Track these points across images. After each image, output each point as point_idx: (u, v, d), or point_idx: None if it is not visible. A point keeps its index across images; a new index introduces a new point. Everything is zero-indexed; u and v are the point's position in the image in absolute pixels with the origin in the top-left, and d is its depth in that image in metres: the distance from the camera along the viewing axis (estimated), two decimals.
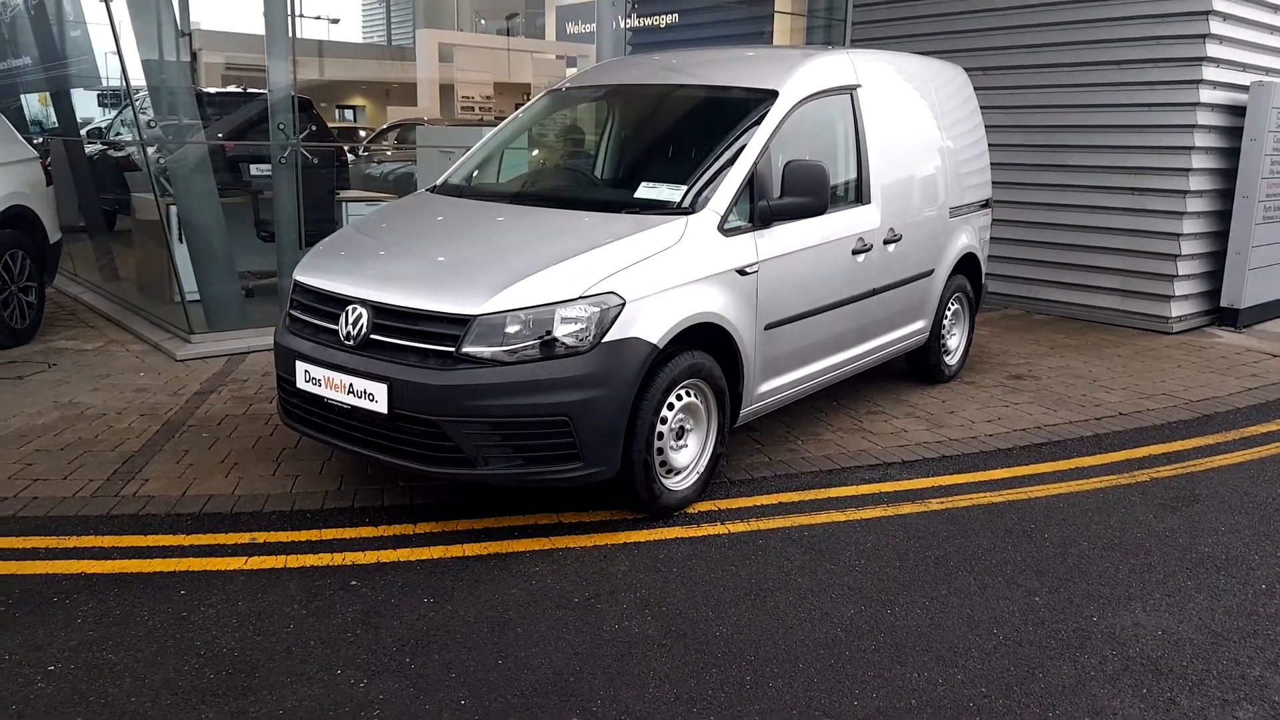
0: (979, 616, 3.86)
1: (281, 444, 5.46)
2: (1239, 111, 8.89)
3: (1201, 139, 8.71)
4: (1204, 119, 8.68)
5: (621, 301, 4.22)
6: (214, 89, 13.24)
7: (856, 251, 5.63)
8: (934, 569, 4.25)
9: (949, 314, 6.93)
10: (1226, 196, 9.06)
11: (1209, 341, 8.75)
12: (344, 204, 9.57)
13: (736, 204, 4.85)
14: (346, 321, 4.36)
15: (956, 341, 7.21)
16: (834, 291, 5.52)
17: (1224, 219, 9.11)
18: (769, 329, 5.02)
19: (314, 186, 8.49)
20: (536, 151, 6.68)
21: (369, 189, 12.70)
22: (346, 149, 13.63)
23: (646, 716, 3.18)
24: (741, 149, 4.99)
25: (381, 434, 4.26)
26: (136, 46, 7.48)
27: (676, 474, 4.69)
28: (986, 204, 7.33)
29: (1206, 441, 6.04)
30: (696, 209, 4.76)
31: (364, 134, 19.54)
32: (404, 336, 4.22)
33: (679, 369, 4.47)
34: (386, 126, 18.20)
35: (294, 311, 4.76)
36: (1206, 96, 8.62)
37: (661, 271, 4.42)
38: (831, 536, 4.54)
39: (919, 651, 3.60)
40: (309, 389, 4.44)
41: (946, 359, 7.07)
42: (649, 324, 4.29)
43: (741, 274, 4.79)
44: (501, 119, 7.52)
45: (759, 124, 5.09)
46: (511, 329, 4.10)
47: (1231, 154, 8.97)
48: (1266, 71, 9.20)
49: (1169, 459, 5.71)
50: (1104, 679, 3.46)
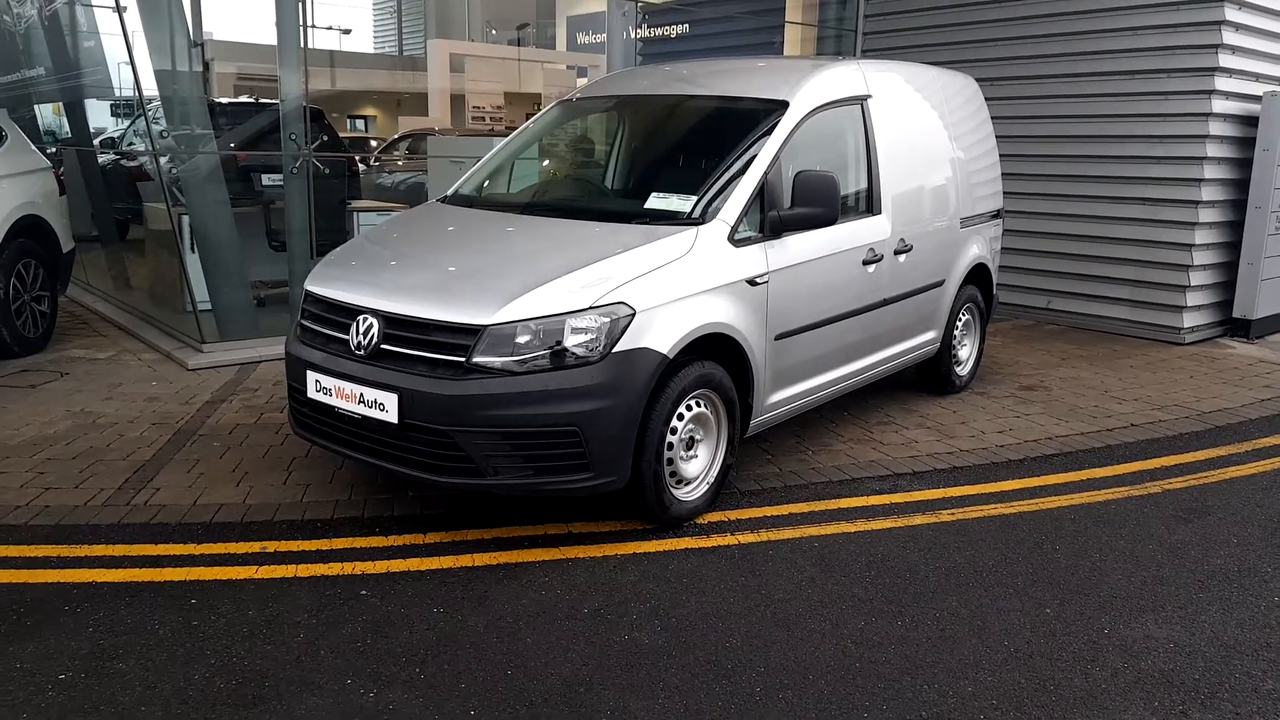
0: (990, 628, 3.85)
1: (292, 453, 5.47)
2: (1252, 122, 8.86)
3: (1214, 149, 8.68)
4: (1216, 129, 8.65)
5: (632, 312, 4.23)
6: (226, 99, 13.33)
7: (867, 262, 5.62)
8: (945, 580, 4.24)
9: (960, 324, 6.92)
10: (1239, 207, 9.03)
11: (1221, 352, 8.72)
12: (355, 214, 9.60)
13: (747, 214, 4.85)
14: (357, 331, 4.37)
15: (967, 352, 7.19)
16: (844, 302, 5.51)
17: (1236, 229, 9.07)
18: (779, 339, 5.02)
19: (325, 196, 8.53)
20: (547, 162, 6.69)
21: (380, 199, 12.74)
22: (358, 159, 13.69)
23: None
24: (752, 159, 4.99)
25: (392, 444, 4.26)
26: (149, 57, 7.52)
27: (686, 484, 4.69)
28: (998, 214, 7.32)
29: (1219, 453, 6.01)
30: (707, 219, 4.76)
31: (375, 144, 19.59)
32: (414, 346, 4.23)
33: (689, 379, 4.47)
34: (398, 136, 18.25)
35: (305, 321, 4.77)
36: (1219, 107, 8.60)
37: (672, 282, 4.43)
38: (842, 547, 4.53)
39: (929, 664, 3.58)
40: (320, 398, 4.45)
41: (957, 369, 7.05)
42: (659, 334, 4.29)
43: (752, 284, 4.79)
44: (512, 129, 7.54)
45: (769, 134, 5.09)
46: (522, 339, 4.10)
47: (1244, 164, 8.94)
48: (1279, 82, 9.17)
49: (1181, 470, 5.69)
50: (1116, 691, 3.44)
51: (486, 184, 5.94)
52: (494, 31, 29.04)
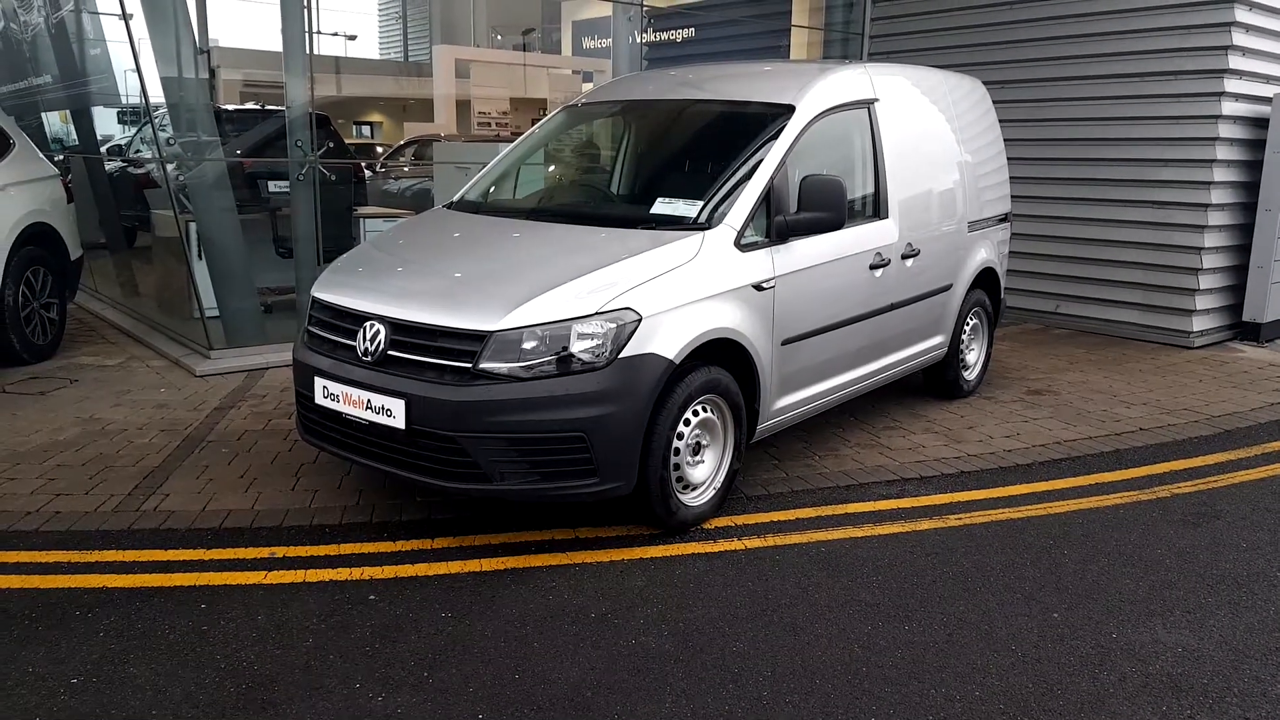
0: (997, 633, 3.84)
1: (300, 459, 5.48)
2: (1262, 123, 8.84)
3: (1223, 151, 8.66)
4: (1226, 131, 8.63)
5: (638, 317, 4.23)
6: (232, 106, 13.33)
7: (874, 266, 5.62)
8: (952, 585, 4.23)
9: (967, 329, 6.91)
10: (1249, 209, 9.01)
11: (1231, 356, 8.70)
12: (362, 220, 9.62)
13: (753, 219, 4.85)
14: (364, 338, 4.38)
15: (975, 356, 7.18)
16: (851, 307, 5.51)
17: (1246, 232, 9.05)
18: (786, 344, 5.02)
19: (332, 203, 8.54)
20: (553, 167, 6.70)
21: (386, 205, 12.75)
22: (364, 165, 13.71)
23: None
24: (758, 164, 4.99)
25: (399, 449, 4.27)
26: (155, 64, 7.55)
27: (693, 489, 4.69)
28: (1005, 218, 7.31)
29: (1228, 457, 6.00)
30: (713, 224, 4.77)
31: (381, 150, 19.63)
32: (421, 352, 4.24)
33: (695, 385, 4.47)
34: (404, 143, 18.28)
35: (312, 328, 4.78)
36: (1229, 108, 8.58)
37: (678, 287, 4.43)
38: (848, 552, 4.52)
39: (936, 668, 3.58)
40: (327, 405, 4.46)
41: (965, 374, 7.04)
42: (665, 340, 4.30)
43: (758, 289, 4.79)
44: (518, 135, 7.55)
45: (775, 139, 5.10)
46: (528, 345, 4.11)
47: (1254, 166, 8.92)
48: None
49: (1190, 475, 5.67)
50: (1123, 696, 3.43)
51: (492, 190, 5.95)
52: (499, 37, 29.07)
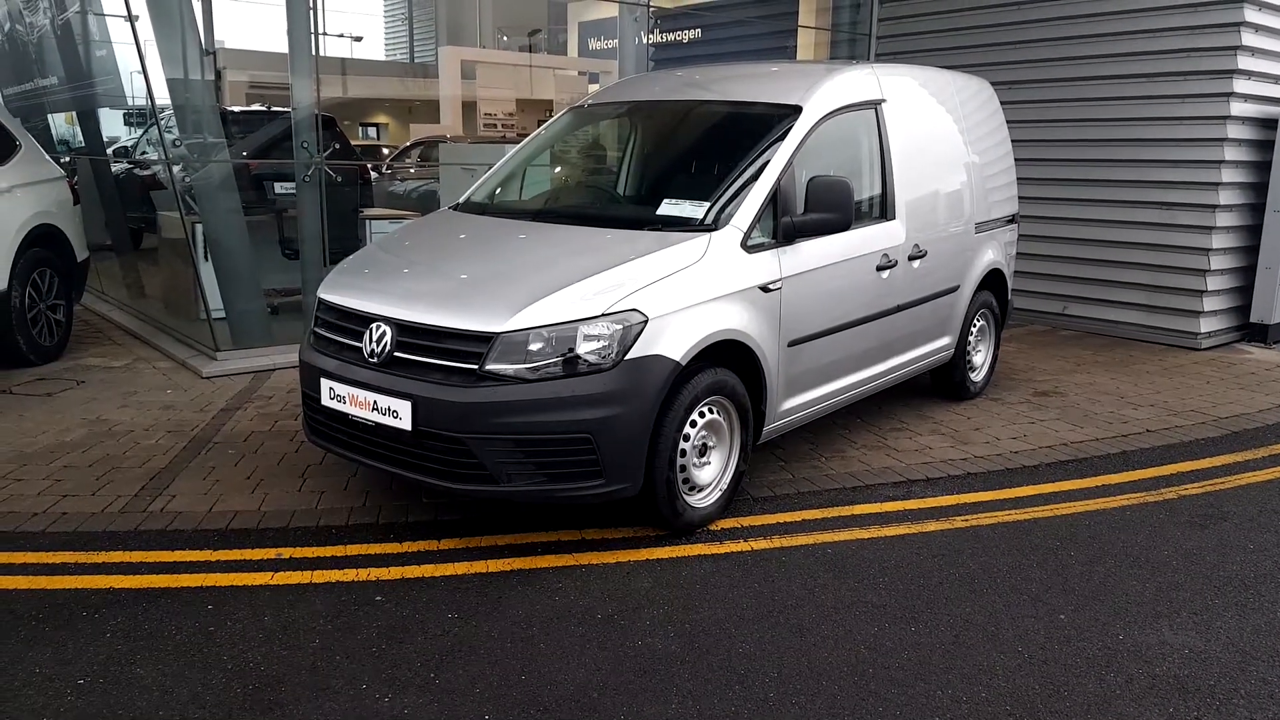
0: (1003, 634, 3.83)
1: (307, 460, 5.49)
2: (1271, 124, 8.82)
3: (1232, 152, 8.64)
4: (1234, 132, 8.61)
5: (644, 319, 4.23)
6: (238, 107, 13.38)
7: (881, 267, 5.62)
8: (958, 587, 4.23)
9: (974, 330, 6.90)
10: (1257, 210, 8.99)
11: (1238, 358, 8.67)
12: (367, 221, 9.63)
13: (760, 220, 4.85)
14: (370, 339, 4.38)
15: (982, 358, 7.17)
16: (858, 308, 5.50)
17: (1254, 233, 9.03)
18: (792, 346, 5.01)
19: (338, 204, 8.55)
20: (559, 169, 6.70)
21: (392, 206, 12.78)
22: (370, 166, 13.73)
23: None
24: (765, 165, 4.98)
25: (406, 451, 4.27)
26: (161, 65, 7.56)
27: (699, 491, 4.68)
28: (1013, 219, 7.30)
29: (1236, 459, 5.98)
30: (719, 226, 4.76)
31: (387, 151, 19.66)
32: (427, 354, 4.24)
33: (702, 386, 4.46)
34: (409, 144, 18.32)
35: (318, 329, 4.79)
36: (1237, 110, 8.56)
37: (684, 288, 4.42)
38: (855, 554, 4.52)
39: (943, 669, 3.57)
40: (334, 406, 4.47)
41: (972, 375, 7.03)
42: (672, 341, 4.29)
43: (765, 290, 4.79)
44: (524, 136, 7.55)
45: (782, 140, 5.09)
46: (534, 346, 4.11)
47: (1263, 168, 8.90)
48: None
49: (1197, 476, 5.66)
50: (1130, 698, 3.42)
51: (498, 191, 5.95)
52: (505, 38, 29.10)
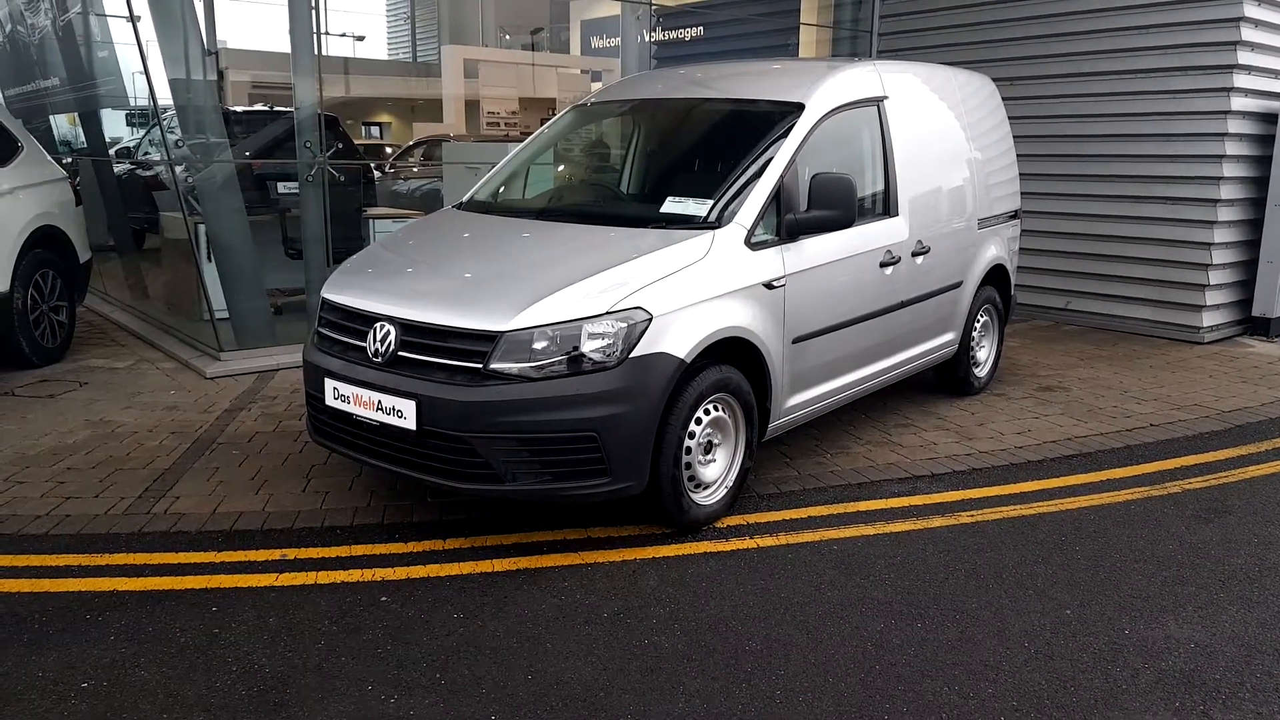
0: (1009, 630, 3.83)
1: (311, 461, 5.49)
2: (1271, 119, 8.81)
3: (1233, 147, 8.63)
4: (1235, 127, 8.60)
5: (648, 317, 4.22)
6: (241, 107, 13.37)
7: (884, 264, 5.61)
8: (964, 582, 4.22)
9: (978, 326, 6.89)
10: (1258, 205, 8.98)
11: (1241, 352, 8.66)
12: (371, 221, 9.63)
13: (763, 218, 4.85)
14: (374, 339, 4.38)
15: (985, 353, 7.16)
16: (862, 304, 5.50)
17: (1256, 228, 9.02)
18: (797, 342, 5.01)
19: (341, 204, 8.55)
20: (562, 167, 6.70)
21: (396, 206, 12.78)
22: (373, 166, 13.73)
23: None
24: (768, 162, 4.98)
25: (410, 450, 4.27)
26: (163, 66, 7.55)
27: (705, 488, 4.68)
28: (1015, 215, 7.29)
29: (1239, 452, 5.97)
30: (723, 223, 4.76)
31: (390, 151, 19.66)
32: (432, 353, 4.24)
33: (706, 383, 4.46)
34: (412, 143, 18.32)
35: (322, 329, 4.79)
36: (1238, 104, 8.55)
37: (688, 286, 4.42)
38: (861, 550, 4.51)
39: (949, 665, 3.57)
40: (338, 406, 4.47)
41: (975, 371, 7.03)
42: (676, 339, 4.29)
43: (769, 287, 4.78)
44: (527, 134, 7.55)
45: (785, 137, 5.09)
46: (539, 345, 4.11)
47: (1264, 162, 8.89)
48: None
49: (1201, 470, 5.65)
50: (1136, 692, 3.42)
51: (502, 190, 5.95)
52: (508, 36, 29.11)
